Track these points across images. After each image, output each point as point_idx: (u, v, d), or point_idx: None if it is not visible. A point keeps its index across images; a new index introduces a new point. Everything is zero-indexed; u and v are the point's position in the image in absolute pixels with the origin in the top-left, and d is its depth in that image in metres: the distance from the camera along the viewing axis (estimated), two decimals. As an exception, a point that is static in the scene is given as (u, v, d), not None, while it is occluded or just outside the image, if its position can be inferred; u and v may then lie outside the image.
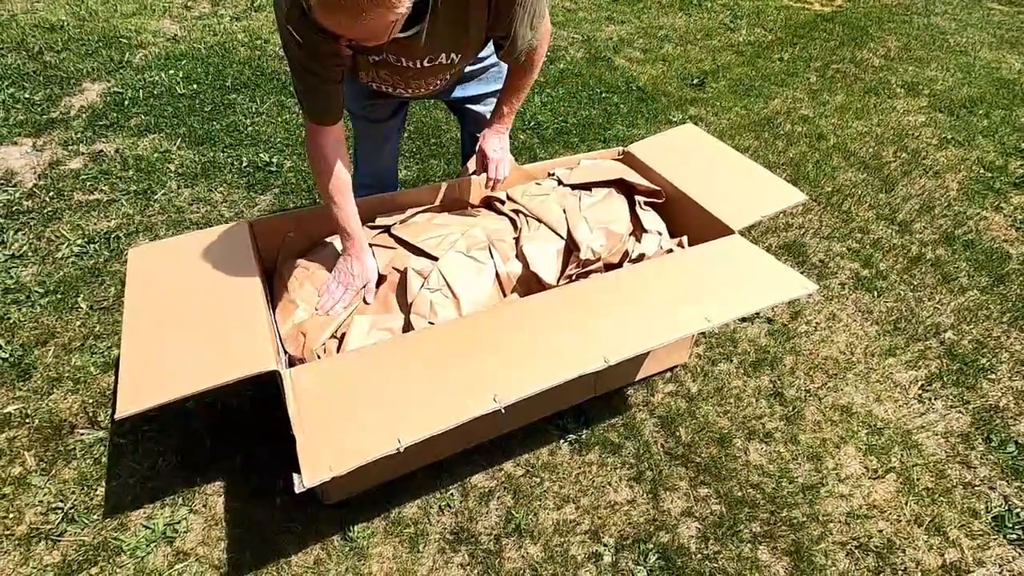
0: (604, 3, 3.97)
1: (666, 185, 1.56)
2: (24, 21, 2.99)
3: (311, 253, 1.37)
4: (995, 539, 1.38)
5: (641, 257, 1.43)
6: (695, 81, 3.15)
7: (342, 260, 1.27)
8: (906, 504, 1.43)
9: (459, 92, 1.44)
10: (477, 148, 1.42)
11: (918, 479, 1.49)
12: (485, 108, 1.49)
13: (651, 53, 3.39)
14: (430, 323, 1.21)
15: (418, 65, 1.15)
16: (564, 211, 1.44)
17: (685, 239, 1.48)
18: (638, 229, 1.50)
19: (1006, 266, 2.14)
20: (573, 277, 1.39)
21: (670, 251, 1.47)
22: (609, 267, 1.44)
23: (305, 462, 0.87)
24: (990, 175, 2.61)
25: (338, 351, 1.20)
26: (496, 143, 1.39)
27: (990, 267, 2.13)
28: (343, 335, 1.22)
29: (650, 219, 1.51)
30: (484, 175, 1.44)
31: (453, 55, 1.16)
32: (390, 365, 1.05)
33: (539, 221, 1.43)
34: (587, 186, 1.55)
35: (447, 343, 1.10)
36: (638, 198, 1.53)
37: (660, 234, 1.49)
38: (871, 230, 2.26)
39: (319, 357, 1.18)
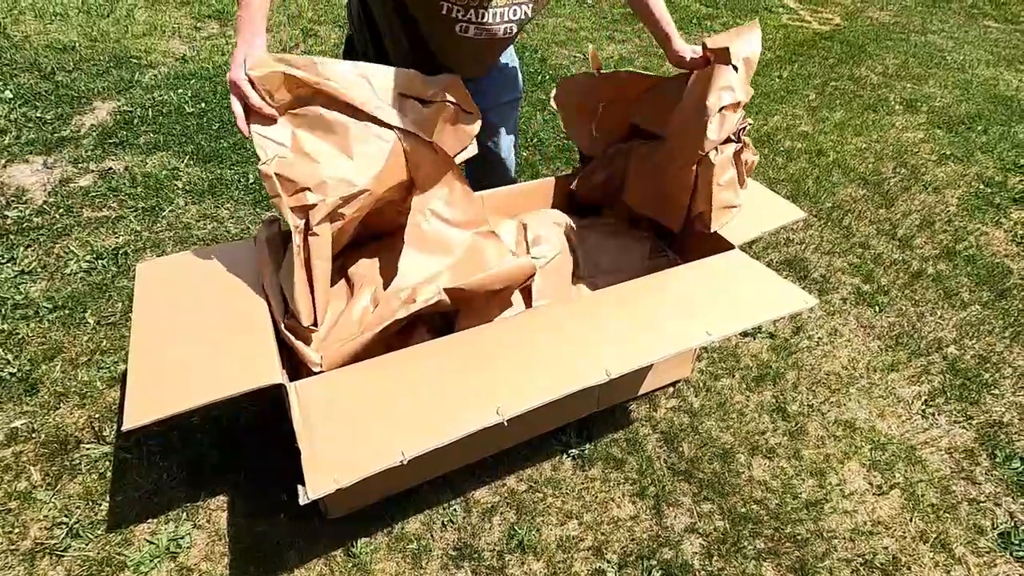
0: (605, 22, 4.04)
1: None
2: (37, 42, 3.05)
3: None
4: (1002, 556, 1.37)
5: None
6: (695, 99, 3.18)
7: (237, 54, 1.00)
8: (911, 520, 1.43)
9: (479, 103, 1.47)
10: (680, 60, 1.40)
11: (923, 495, 1.48)
12: (497, 117, 1.50)
13: (652, 71, 3.43)
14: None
15: None
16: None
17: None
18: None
19: (1007, 281, 2.14)
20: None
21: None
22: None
23: (310, 473, 0.88)
24: (990, 190, 2.62)
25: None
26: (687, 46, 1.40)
27: (991, 282, 2.14)
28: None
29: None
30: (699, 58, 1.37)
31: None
32: (394, 378, 1.06)
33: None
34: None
35: (450, 356, 1.11)
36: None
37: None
38: (872, 245, 2.27)
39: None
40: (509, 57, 1.46)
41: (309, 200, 1.06)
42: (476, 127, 1.27)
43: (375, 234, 1.33)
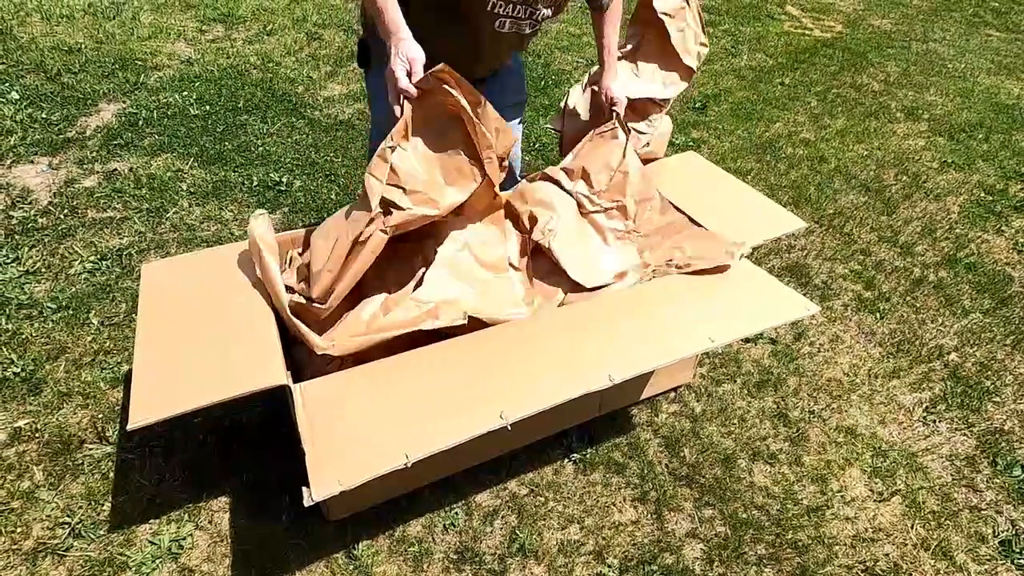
0: (608, 29, 4.05)
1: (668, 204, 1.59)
2: (43, 43, 3.07)
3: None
4: (1003, 564, 1.37)
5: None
6: (697, 104, 3.20)
7: (392, 50, 1.10)
8: (912, 527, 1.43)
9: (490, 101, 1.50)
10: (605, 98, 1.51)
11: (924, 502, 1.48)
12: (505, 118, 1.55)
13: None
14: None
15: None
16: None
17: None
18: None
19: (1008, 289, 2.15)
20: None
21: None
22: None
23: (314, 475, 0.88)
24: (991, 198, 2.63)
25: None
26: (619, 87, 1.51)
27: (992, 290, 2.14)
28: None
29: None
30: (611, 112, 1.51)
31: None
32: (398, 381, 1.07)
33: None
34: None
35: (454, 360, 1.12)
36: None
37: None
38: (873, 252, 2.28)
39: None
40: (514, 61, 1.48)
41: (398, 201, 1.12)
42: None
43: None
